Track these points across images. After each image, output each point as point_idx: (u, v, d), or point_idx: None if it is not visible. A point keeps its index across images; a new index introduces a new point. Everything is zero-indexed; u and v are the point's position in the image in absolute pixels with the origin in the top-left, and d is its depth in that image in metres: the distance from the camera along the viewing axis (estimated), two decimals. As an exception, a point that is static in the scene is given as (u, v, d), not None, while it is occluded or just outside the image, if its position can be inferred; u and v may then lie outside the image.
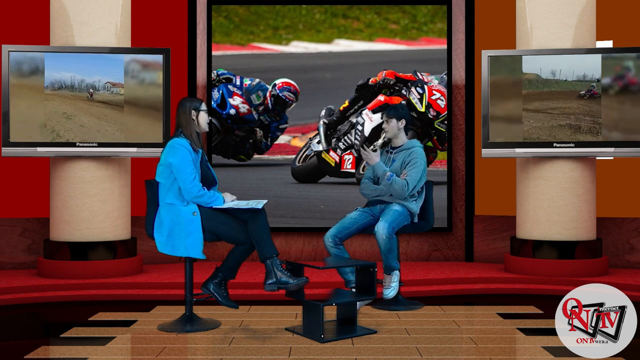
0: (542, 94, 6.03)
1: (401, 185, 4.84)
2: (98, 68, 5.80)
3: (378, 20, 7.06)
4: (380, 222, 4.77)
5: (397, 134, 5.02)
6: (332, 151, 6.90)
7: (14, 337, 4.66)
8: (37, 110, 5.79)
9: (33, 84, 5.78)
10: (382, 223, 4.77)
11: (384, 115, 5.03)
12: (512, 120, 6.06)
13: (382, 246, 4.74)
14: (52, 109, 5.78)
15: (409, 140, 5.05)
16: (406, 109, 5.07)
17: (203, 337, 4.26)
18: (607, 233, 6.53)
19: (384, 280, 4.89)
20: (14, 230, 6.50)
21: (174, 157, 4.26)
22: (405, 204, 4.91)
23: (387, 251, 4.76)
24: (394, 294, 4.84)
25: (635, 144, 5.90)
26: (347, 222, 4.95)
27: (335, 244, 4.85)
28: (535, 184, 6.09)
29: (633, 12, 6.51)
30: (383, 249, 4.75)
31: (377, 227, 4.76)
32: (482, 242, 6.90)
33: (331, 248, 4.85)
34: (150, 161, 5.96)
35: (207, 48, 7.00)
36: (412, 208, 4.95)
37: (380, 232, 4.74)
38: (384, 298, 4.85)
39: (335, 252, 4.85)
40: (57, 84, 5.76)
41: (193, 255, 4.25)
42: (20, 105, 5.76)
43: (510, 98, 6.08)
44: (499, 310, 5.06)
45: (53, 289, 5.53)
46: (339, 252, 4.86)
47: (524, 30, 6.14)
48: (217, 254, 6.70)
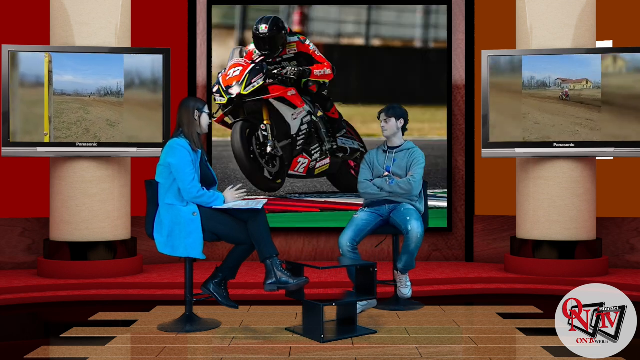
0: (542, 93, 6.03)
1: (405, 182, 4.86)
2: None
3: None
4: (413, 222, 4.78)
5: (396, 133, 5.02)
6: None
7: (14, 337, 4.66)
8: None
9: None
10: (415, 222, 4.78)
11: (382, 115, 5.03)
12: (512, 120, 6.06)
13: (414, 245, 4.77)
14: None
15: (407, 141, 5.07)
16: (403, 108, 5.07)
17: (203, 337, 4.26)
18: (607, 233, 6.52)
19: (399, 279, 4.95)
20: (14, 230, 6.50)
21: (173, 157, 4.26)
22: (414, 203, 4.93)
23: (416, 250, 4.80)
24: (410, 292, 4.96)
25: (635, 144, 5.90)
26: (361, 224, 4.91)
27: (353, 249, 4.83)
28: (535, 184, 6.09)
29: (633, 12, 6.51)
30: (413, 248, 4.78)
31: (412, 226, 4.76)
32: (482, 242, 6.90)
33: (349, 252, 4.81)
34: (150, 161, 5.96)
35: (207, 48, 7.00)
36: (420, 208, 4.97)
37: (415, 230, 4.76)
38: (404, 297, 4.95)
39: (352, 257, 4.81)
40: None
41: (193, 255, 4.25)
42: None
43: (510, 98, 6.08)
44: (499, 310, 5.06)
45: (53, 289, 5.53)
46: (355, 256, 4.83)
47: (524, 30, 6.14)
48: (217, 254, 6.70)
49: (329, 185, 7.07)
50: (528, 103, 6.04)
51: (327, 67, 6.73)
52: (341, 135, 6.96)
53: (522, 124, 6.04)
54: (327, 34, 7.15)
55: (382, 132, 5.05)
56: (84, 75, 5.80)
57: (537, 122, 6.02)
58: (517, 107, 6.06)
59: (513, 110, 6.06)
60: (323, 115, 6.91)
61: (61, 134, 5.84)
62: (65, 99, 5.84)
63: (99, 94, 5.85)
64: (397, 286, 4.98)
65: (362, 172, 5.07)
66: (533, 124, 6.03)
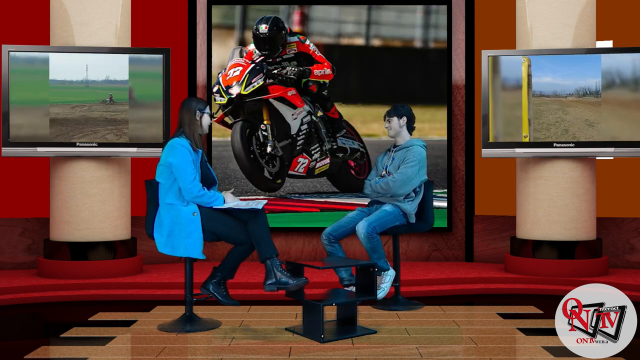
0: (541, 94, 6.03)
1: (384, 181, 4.87)
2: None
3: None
4: (361, 222, 4.81)
5: (399, 132, 5.02)
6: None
7: (14, 337, 4.66)
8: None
9: None
10: (362, 222, 4.81)
11: (386, 116, 5.05)
12: (512, 119, 6.07)
13: (364, 245, 4.80)
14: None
15: (410, 139, 5.05)
16: (407, 107, 5.07)
17: (203, 337, 4.26)
18: (607, 233, 6.52)
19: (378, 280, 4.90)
20: (14, 230, 6.50)
21: (174, 157, 4.26)
22: (399, 204, 4.91)
23: (371, 251, 4.80)
24: (382, 295, 4.79)
25: (635, 144, 5.90)
26: (344, 221, 4.97)
27: (330, 242, 4.90)
28: (535, 184, 6.09)
29: (633, 12, 6.51)
30: (366, 247, 4.80)
31: (357, 226, 4.81)
32: (482, 242, 6.90)
33: (326, 246, 4.91)
34: (150, 161, 5.96)
35: (207, 48, 7.00)
36: (406, 208, 4.93)
37: (359, 230, 4.79)
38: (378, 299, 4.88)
39: (330, 250, 4.90)
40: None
41: (193, 255, 4.25)
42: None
43: (511, 98, 6.08)
44: (499, 310, 5.06)
45: (53, 289, 5.53)
46: (333, 250, 4.91)
47: (524, 30, 6.15)
48: (217, 254, 6.70)
49: (329, 185, 7.07)
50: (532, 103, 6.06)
51: (327, 67, 6.73)
52: (341, 135, 6.96)
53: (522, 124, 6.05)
54: (327, 34, 7.15)
55: (388, 133, 5.08)
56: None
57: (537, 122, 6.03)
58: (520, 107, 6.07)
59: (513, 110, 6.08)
60: (323, 115, 6.91)
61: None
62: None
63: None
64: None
65: (371, 173, 5.15)
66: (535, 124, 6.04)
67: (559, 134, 5.94)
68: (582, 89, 5.89)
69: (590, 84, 5.89)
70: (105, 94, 5.93)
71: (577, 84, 5.89)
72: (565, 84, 5.89)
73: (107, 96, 5.94)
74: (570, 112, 5.91)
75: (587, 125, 5.90)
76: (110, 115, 5.94)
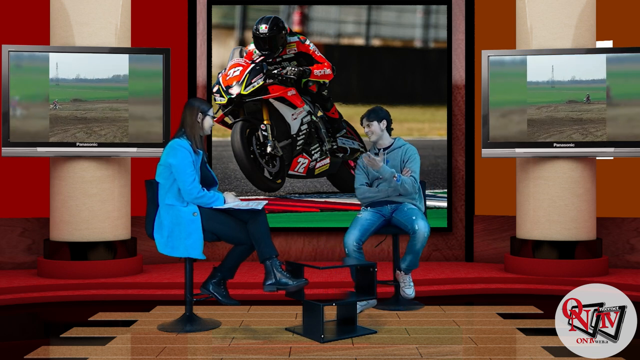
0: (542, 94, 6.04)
1: (411, 182, 4.85)
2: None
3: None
4: (420, 221, 4.77)
5: (381, 135, 4.99)
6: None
7: (14, 337, 4.66)
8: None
9: None
10: (422, 222, 4.78)
11: (364, 121, 5.00)
12: (512, 119, 6.07)
13: (419, 245, 4.77)
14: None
15: (397, 139, 5.04)
16: (384, 109, 5.05)
17: (203, 337, 4.26)
18: (607, 233, 6.52)
19: (402, 280, 4.93)
20: (14, 230, 6.50)
21: (174, 158, 4.26)
22: (415, 203, 4.93)
23: (421, 250, 4.81)
24: (414, 292, 4.96)
25: (635, 144, 5.90)
26: (366, 224, 4.89)
27: (359, 249, 4.82)
28: (535, 184, 6.09)
29: (633, 12, 6.51)
30: (419, 247, 4.78)
31: (419, 225, 4.76)
32: (482, 242, 6.90)
33: (355, 252, 4.80)
34: (150, 161, 5.96)
35: (207, 48, 6.99)
36: (421, 207, 4.98)
37: (422, 230, 4.76)
38: (407, 297, 4.93)
39: (358, 257, 4.80)
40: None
41: (193, 255, 4.25)
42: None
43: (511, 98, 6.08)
44: (499, 310, 5.06)
45: (53, 289, 5.53)
46: (361, 256, 4.82)
47: (524, 30, 6.15)
48: (217, 254, 6.70)
49: (329, 185, 7.07)
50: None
51: (327, 67, 6.73)
52: (341, 135, 6.96)
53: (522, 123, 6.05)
54: (327, 34, 7.15)
55: (369, 138, 5.02)
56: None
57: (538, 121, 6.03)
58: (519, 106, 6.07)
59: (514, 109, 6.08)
60: (323, 115, 6.91)
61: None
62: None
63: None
64: (401, 286, 4.96)
65: (358, 177, 5.04)
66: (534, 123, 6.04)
67: (559, 134, 5.93)
68: (582, 89, 5.88)
69: (590, 85, 5.88)
70: (105, 94, 5.93)
71: (577, 83, 5.87)
72: (565, 84, 5.88)
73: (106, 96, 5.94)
74: (569, 112, 5.90)
75: (586, 126, 5.89)
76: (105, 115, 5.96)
